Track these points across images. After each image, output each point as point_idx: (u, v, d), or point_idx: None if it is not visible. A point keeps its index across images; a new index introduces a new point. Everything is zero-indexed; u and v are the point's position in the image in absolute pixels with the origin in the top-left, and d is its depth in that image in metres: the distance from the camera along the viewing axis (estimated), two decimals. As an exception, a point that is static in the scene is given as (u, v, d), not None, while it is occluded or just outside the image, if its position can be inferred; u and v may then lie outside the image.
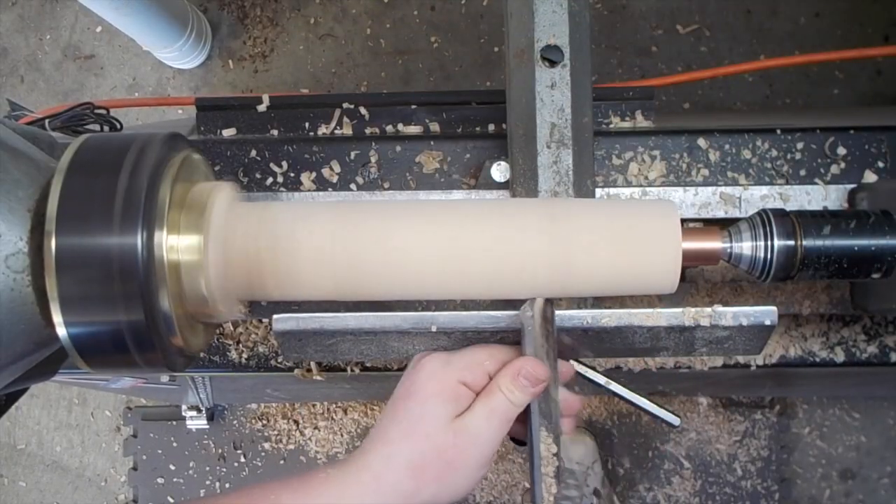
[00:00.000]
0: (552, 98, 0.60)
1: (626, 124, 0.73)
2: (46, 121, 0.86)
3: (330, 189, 0.69)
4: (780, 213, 0.54)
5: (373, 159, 0.69)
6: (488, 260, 0.51)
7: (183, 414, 1.60)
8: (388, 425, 0.52)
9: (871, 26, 1.59)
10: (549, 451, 0.52)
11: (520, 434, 0.55)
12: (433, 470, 0.50)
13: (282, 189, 0.69)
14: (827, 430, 1.58)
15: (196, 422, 1.60)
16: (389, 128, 0.75)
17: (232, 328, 0.79)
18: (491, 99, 0.75)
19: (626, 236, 0.52)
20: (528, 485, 1.54)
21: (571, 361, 0.59)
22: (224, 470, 1.65)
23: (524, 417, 0.53)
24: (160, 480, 1.66)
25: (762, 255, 0.53)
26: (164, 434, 1.65)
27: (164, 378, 1.14)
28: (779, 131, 0.68)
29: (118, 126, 0.90)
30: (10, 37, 1.75)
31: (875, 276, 0.54)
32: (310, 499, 0.49)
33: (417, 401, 0.52)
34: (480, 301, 0.66)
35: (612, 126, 0.73)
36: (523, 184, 0.61)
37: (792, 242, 0.53)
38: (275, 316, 0.54)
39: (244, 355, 0.79)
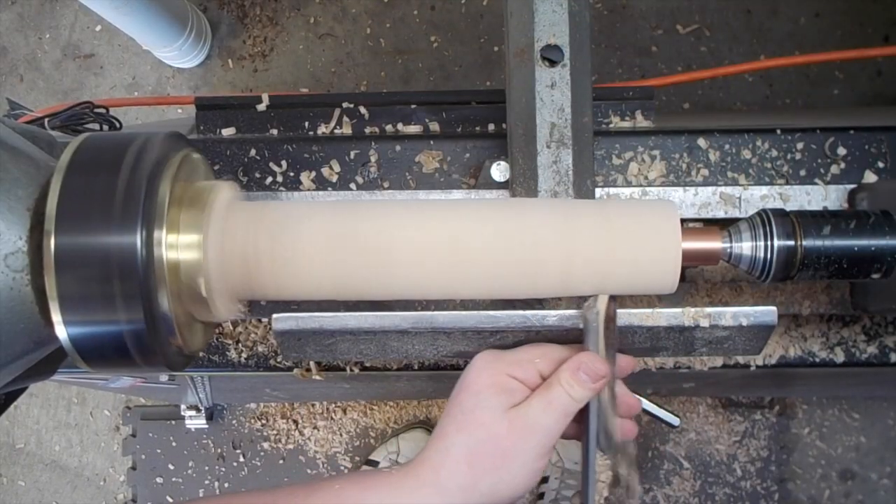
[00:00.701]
0: (552, 98, 0.60)
1: (626, 124, 0.73)
2: (46, 120, 0.86)
3: (329, 188, 0.69)
4: (780, 213, 0.54)
5: (372, 159, 0.69)
6: (488, 260, 0.51)
7: (182, 413, 1.60)
8: (444, 422, 0.52)
9: (871, 26, 1.59)
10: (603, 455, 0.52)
11: (573, 435, 0.54)
12: (489, 459, 0.49)
13: (281, 188, 0.69)
14: (826, 431, 1.58)
15: (195, 421, 1.60)
16: (389, 127, 0.75)
17: (231, 327, 0.79)
18: (491, 99, 0.75)
19: (625, 236, 0.52)
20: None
21: None
22: (223, 469, 1.65)
23: (580, 418, 0.52)
24: (159, 480, 1.66)
25: (762, 255, 0.53)
26: (163, 433, 1.65)
27: (164, 377, 1.14)
28: (779, 131, 0.68)
29: (117, 125, 0.90)
30: (9, 36, 1.75)
31: (875, 276, 0.54)
32: (371, 491, 0.49)
33: (470, 393, 0.51)
34: (480, 301, 0.66)
35: (612, 126, 0.73)
36: (523, 184, 0.61)
37: (792, 242, 0.53)
38: (274, 315, 0.54)
39: (243, 355, 0.79)
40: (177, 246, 0.48)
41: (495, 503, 0.50)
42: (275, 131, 0.75)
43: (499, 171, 0.67)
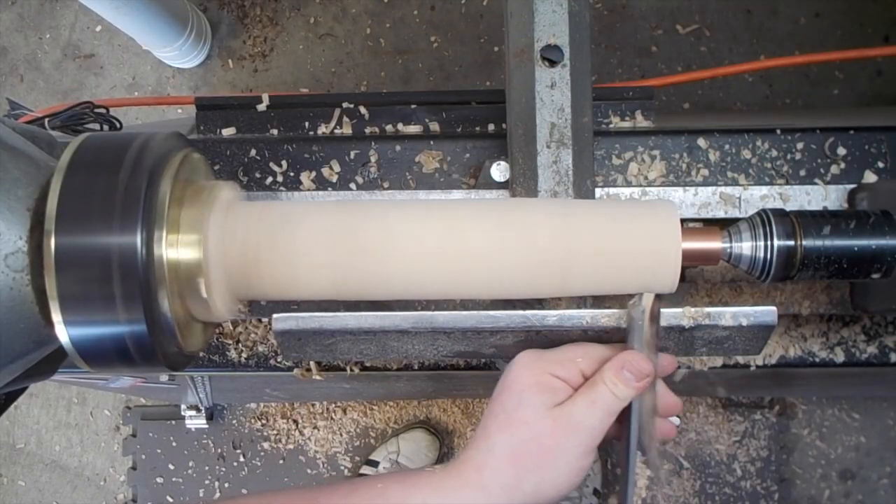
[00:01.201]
0: (552, 98, 0.60)
1: (626, 124, 0.73)
2: (46, 120, 0.86)
3: (330, 188, 0.69)
4: (780, 214, 0.54)
5: (372, 159, 0.69)
6: (488, 260, 0.51)
7: (182, 413, 1.60)
8: (486, 422, 0.51)
9: (871, 26, 1.59)
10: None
11: (613, 435, 0.53)
12: (533, 457, 0.49)
13: (281, 188, 0.69)
14: (826, 431, 1.58)
15: (195, 421, 1.60)
16: (389, 127, 0.75)
17: (231, 327, 0.79)
18: (491, 99, 0.75)
19: (625, 236, 0.52)
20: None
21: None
22: (223, 469, 1.65)
23: (620, 417, 0.52)
24: (159, 480, 1.66)
25: (762, 255, 0.53)
26: (164, 433, 1.65)
27: (164, 377, 1.14)
28: (779, 131, 0.68)
29: (118, 125, 0.90)
30: (9, 36, 1.75)
31: (875, 276, 0.54)
32: (414, 490, 0.49)
33: (512, 392, 0.51)
34: (480, 301, 0.66)
35: (612, 126, 0.73)
36: (523, 184, 0.61)
37: (792, 242, 0.53)
38: (274, 315, 0.53)
39: (243, 355, 0.79)
40: (177, 246, 0.48)
41: (539, 503, 0.49)
42: (275, 131, 0.75)
43: (499, 171, 0.67)
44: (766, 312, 0.52)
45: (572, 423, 0.49)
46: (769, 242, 0.53)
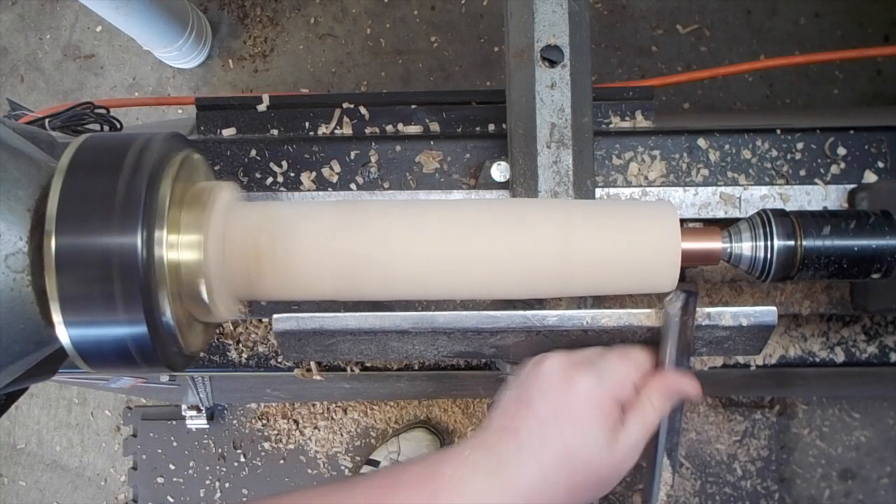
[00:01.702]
0: (552, 98, 0.60)
1: (626, 124, 0.73)
2: (46, 120, 0.86)
3: (330, 189, 0.69)
4: (780, 214, 0.54)
5: (373, 159, 0.69)
6: (488, 260, 0.51)
7: (183, 413, 1.60)
8: (541, 448, 0.49)
9: (871, 26, 1.59)
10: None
11: None
12: (590, 489, 0.50)
13: (282, 189, 0.69)
14: (827, 430, 1.58)
15: (196, 421, 1.60)
16: (389, 127, 0.75)
17: (232, 328, 0.79)
18: (491, 99, 0.75)
19: (626, 237, 0.52)
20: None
21: None
22: (224, 469, 1.65)
23: None
24: (160, 480, 1.66)
25: (762, 255, 0.53)
26: (164, 434, 1.65)
27: (164, 378, 1.14)
28: (779, 131, 0.68)
29: (118, 126, 0.90)
30: (10, 36, 1.75)
31: (875, 276, 0.54)
32: (463, 499, 0.48)
33: (576, 430, 0.49)
34: (480, 301, 0.66)
35: (612, 126, 0.73)
36: (523, 184, 0.61)
37: (792, 243, 0.53)
38: (275, 316, 0.54)
39: (244, 355, 0.79)
40: (177, 246, 0.48)
41: None
42: (275, 132, 0.75)
43: (499, 171, 0.67)
44: (766, 312, 0.52)
45: (629, 452, 0.51)
46: (769, 242, 0.53)
